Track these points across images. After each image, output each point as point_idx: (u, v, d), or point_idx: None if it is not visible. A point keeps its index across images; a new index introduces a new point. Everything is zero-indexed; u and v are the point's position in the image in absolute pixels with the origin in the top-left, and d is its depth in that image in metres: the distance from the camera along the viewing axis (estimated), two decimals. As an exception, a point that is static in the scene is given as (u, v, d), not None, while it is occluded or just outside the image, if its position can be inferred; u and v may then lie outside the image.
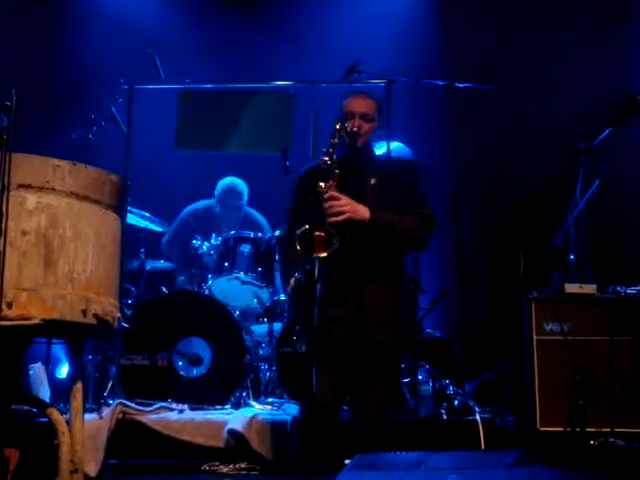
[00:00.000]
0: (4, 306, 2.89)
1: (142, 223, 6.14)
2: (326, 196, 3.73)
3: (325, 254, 3.58)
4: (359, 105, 3.98)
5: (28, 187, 3.03)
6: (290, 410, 4.88)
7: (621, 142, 5.06)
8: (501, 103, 6.62)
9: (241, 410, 5.03)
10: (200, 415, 4.85)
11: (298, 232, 3.66)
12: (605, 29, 6.95)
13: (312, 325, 3.49)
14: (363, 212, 3.76)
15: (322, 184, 3.77)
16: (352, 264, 3.82)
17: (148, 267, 6.14)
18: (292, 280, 3.86)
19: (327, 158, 3.81)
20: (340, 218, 3.69)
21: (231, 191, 6.58)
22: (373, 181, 3.96)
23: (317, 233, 3.63)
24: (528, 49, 6.95)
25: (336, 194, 3.74)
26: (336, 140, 3.84)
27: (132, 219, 5.97)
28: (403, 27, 7.36)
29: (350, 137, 3.91)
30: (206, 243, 5.90)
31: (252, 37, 7.36)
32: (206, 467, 3.40)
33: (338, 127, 3.86)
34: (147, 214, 6.10)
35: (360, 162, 4.00)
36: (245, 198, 6.61)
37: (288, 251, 4.05)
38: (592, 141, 4.76)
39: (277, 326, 5.63)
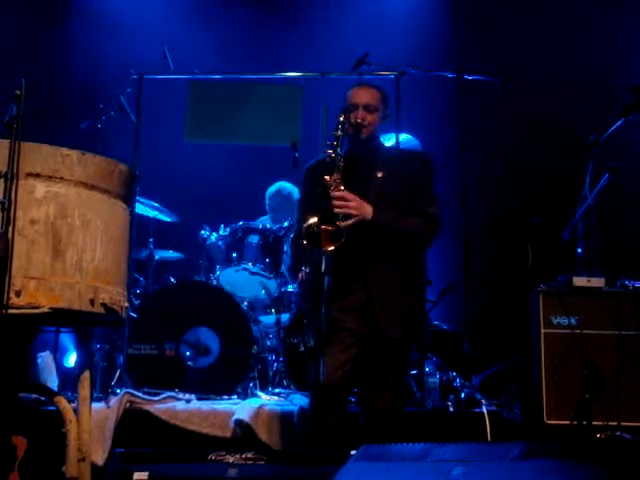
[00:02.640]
0: (12, 294, 2.90)
1: (151, 213, 6.16)
2: (336, 194, 3.71)
3: (332, 248, 3.57)
4: (362, 96, 3.95)
5: (37, 176, 3.03)
6: (297, 401, 4.90)
7: (630, 136, 5.04)
8: (510, 96, 6.58)
9: (248, 400, 5.04)
10: (207, 405, 4.87)
11: (305, 225, 3.64)
12: (617, 20, 6.92)
13: (321, 318, 3.49)
14: (368, 212, 3.75)
15: (327, 177, 3.76)
16: (363, 258, 3.81)
17: (157, 257, 6.16)
18: (300, 273, 3.86)
19: (331, 151, 3.79)
20: (350, 222, 3.67)
21: (279, 193, 6.45)
22: (380, 174, 3.93)
23: (324, 227, 3.61)
24: (538, 40, 6.93)
25: (346, 194, 3.72)
26: (340, 132, 3.82)
27: (141, 209, 5.98)
28: (413, 19, 7.35)
29: (354, 129, 3.89)
30: (214, 234, 5.91)
31: (262, 28, 7.36)
32: (212, 457, 3.39)
33: (342, 119, 3.85)
34: (156, 204, 6.12)
35: (367, 154, 3.98)
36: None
37: (297, 244, 4.05)
38: (602, 134, 4.74)
39: (285, 317, 5.64)
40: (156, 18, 7.28)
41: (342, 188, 3.74)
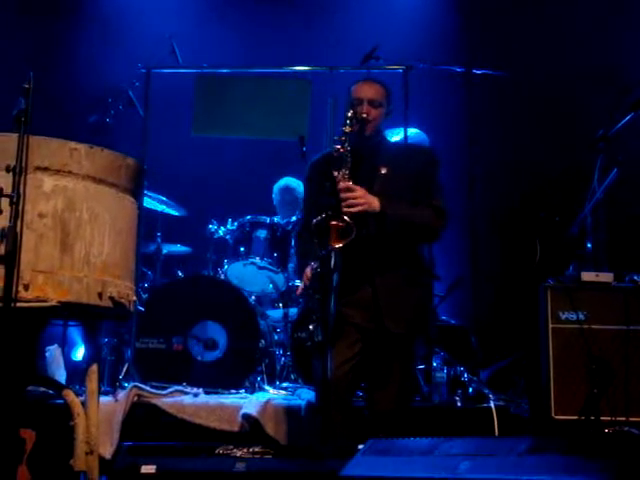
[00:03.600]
0: (21, 288, 2.90)
1: (159, 207, 6.16)
2: (341, 187, 3.71)
3: (341, 244, 3.55)
4: (366, 91, 3.94)
5: (45, 170, 3.04)
6: (304, 395, 4.90)
7: (639, 130, 5.02)
8: (519, 89, 6.58)
9: (255, 395, 5.05)
10: (215, 399, 4.87)
11: (314, 221, 3.63)
12: (626, 15, 6.90)
13: (329, 315, 3.48)
14: (375, 204, 3.74)
15: (335, 173, 3.75)
16: (368, 254, 3.80)
17: (164, 251, 6.17)
18: (307, 269, 3.85)
19: (339, 146, 3.78)
20: (354, 210, 3.67)
21: (287, 189, 6.43)
22: (384, 170, 3.91)
23: (334, 223, 3.59)
24: (545, 35, 6.91)
25: (351, 186, 3.72)
26: (348, 128, 3.81)
27: (149, 203, 5.99)
28: (421, 13, 7.34)
29: (359, 124, 3.88)
30: (222, 228, 5.91)
31: (270, 22, 7.35)
32: (220, 450, 3.40)
33: (350, 115, 3.83)
34: (164, 198, 6.12)
35: (371, 150, 3.96)
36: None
37: (303, 239, 4.05)
38: (610, 128, 4.73)
39: (292, 311, 5.64)
40: (164, 12, 7.28)
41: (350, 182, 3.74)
